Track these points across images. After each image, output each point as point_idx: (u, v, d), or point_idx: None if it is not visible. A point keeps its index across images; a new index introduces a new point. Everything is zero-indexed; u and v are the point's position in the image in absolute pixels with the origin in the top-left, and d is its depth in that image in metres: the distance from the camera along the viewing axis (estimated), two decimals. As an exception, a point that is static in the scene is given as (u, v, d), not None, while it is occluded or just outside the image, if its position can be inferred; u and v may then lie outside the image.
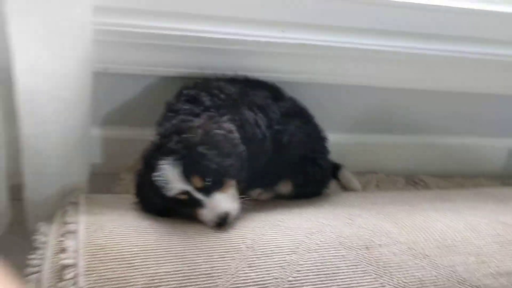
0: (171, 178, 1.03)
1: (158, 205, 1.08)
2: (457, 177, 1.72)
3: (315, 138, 1.35)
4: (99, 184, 1.31)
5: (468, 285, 1.07)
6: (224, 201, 1.06)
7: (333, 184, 1.52)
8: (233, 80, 1.30)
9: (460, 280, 1.07)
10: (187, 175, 1.03)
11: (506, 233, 1.21)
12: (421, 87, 1.59)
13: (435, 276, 1.06)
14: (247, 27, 1.32)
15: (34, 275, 0.91)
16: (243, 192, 1.22)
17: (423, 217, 1.23)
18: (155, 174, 1.03)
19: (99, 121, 1.38)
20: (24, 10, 0.93)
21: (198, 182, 1.04)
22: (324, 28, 1.36)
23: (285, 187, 1.31)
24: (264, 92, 1.29)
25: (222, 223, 1.05)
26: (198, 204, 1.05)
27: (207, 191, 1.05)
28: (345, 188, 1.54)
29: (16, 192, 1.23)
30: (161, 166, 1.03)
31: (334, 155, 1.53)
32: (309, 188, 1.33)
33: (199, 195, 1.05)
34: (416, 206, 1.32)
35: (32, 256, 0.95)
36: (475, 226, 1.21)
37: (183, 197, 1.05)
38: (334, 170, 1.54)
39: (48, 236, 0.99)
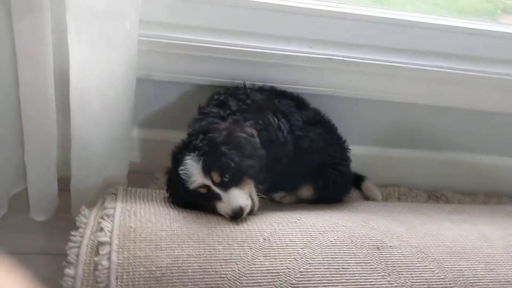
0: (193, 172, 1.14)
1: (183, 198, 1.19)
2: (481, 195, 1.74)
3: (336, 146, 1.43)
4: (136, 182, 1.42)
5: (475, 290, 1.12)
6: (240, 197, 1.16)
7: (355, 195, 1.59)
8: (261, 89, 1.42)
9: (467, 285, 1.12)
10: (207, 170, 1.14)
11: (518, 245, 1.25)
12: (448, 104, 1.64)
13: (442, 279, 1.12)
14: (278, 43, 1.43)
15: (74, 249, 1.03)
16: (266, 193, 1.33)
17: (436, 226, 1.28)
18: (180, 168, 1.15)
19: (140, 123, 1.51)
20: (82, 20, 1.08)
21: (217, 177, 1.15)
22: (349, 45, 1.46)
23: (306, 191, 1.40)
24: (288, 101, 1.39)
25: (236, 216, 1.15)
26: (216, 197, 1.16)
27: (225, 186, 1.15)
28: (367, 198, 1.60)
29: (63, 183, 1.38)
30: (185, 160, 1.14)
31: (358, 167, 1.62)
32: (329, 193, 1.41)
33: (217, 190, 1.15)
34: (432, 216, 1.38)
35: (74, 233, 1.07)
36: (487, 237, 1.26)
37: (203, 190, 1.16)
38: (358, 181, 1.62)
39: (88, 218, 1.11)
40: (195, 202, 1.19)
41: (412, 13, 1.50)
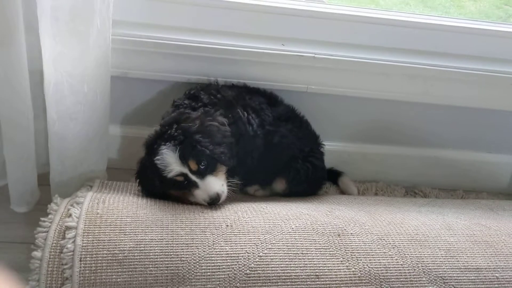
0: (170, 161, 1.19)
1: (157, 188, 1.23)
2: (460, 191, 1.75)
3: (308, 141, 1.47)
4: (116, 178, 1.47)
5: (434, 276, 1.14)
6: (216, 183, 1.21)
7: (332, 190, 1.62)
8: (233, 86, 1.47)
9: (426, 270, 1.14)
10: (184, 158, 1.19)
11: (482, 234, 1.27)
12: (426, 101, 1.66)
13: (401, 265, 1.14)
14: (252, 41, 1.49)
15: (43, 234, 1.09)
16: (241, 187, 1.37)
17: (402, 216, 1.31)
18: (156, 157, 1.19)
19: (118, 120, 1.57)
20: (52, 16, 1.14)
21: (194, 165, 1.20)
22: (320, 43, 1.51)
23: (279, 185, 1.44)
24: (260, 98, 1.44)
25: (213, 202, 1.20)
26: (193, 185, 1.21)
27: (201, 174, 1.20)
28: (344, 193, 1.62)
29: (44, 179, 1.44)
30: (161, 150, 1.19)
31: (336, 163, 1.65)
32: (302, 186, 1.44)
33: (194, 177, 1.20)
34: (401, 208, 1.40)
35: (43, 219, 1.12)
36: (451, 226, 1.28)
37: (180, 179, 1.21)
38: (335, 176, 1.65)
39: (59, 206, 1.17)
40: (170, 191, 1.24)
41: (382, 10, 1.54)
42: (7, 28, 1.14)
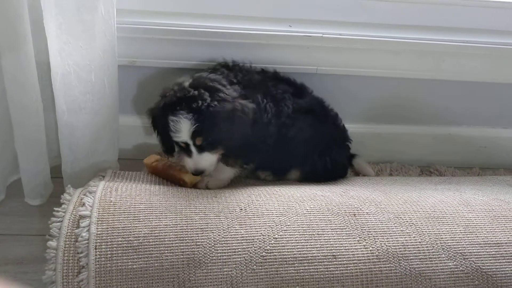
0: (182, 130, 1.20)
1: (162, 134, 1.28)
2: (476, 168, 1.73)
3: (330, 136, 1.44)
4: (128, 169, 1.46)
5: (453, 252, 1.12)
6: (208, 161, 1.25)
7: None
8: (261, 72, 1.44)
9: (444, 247, 1.12)
10: (195, 134, 1.20)
11: (501, 208, 1.24)
12: (438, 77, 1.63)
13: (419, 242, 1.12)
14: (259, 23, 1.46)
15: (57, 224, 1.09)
16: (253, 171, 1.37)
17: (418, 194, 1.29)
18: (171, 117, 1.20)
19: (129, 110, 1.56)
20: (56, 5, 1.13)
21: (199, 141, 1.22)
22: (328, 23, 1.48)
23: (293, 177, 1.43)
24: (285, 87, 1.40)
25: (198, 174, 1.26)
26: (189, 153, 1.24)
27: (201, 149, 1.23)
28: (359, 175, 1.60)
29: (57, 171, 1.44)
30: (179, 117, 1.19)
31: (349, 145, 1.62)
32: (317, 181, 1.40)
33: (194, 149, 1.23)
34: (416, 186, 1.38)
35: (57, 209, 1.12)
36: (469, 202, 1.25)
37: (183, 145, 1.24)
38: (349, 158, 1.62)
39: (72, 196, 1.16)
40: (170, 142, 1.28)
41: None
42: (15, 34, 1.14)
